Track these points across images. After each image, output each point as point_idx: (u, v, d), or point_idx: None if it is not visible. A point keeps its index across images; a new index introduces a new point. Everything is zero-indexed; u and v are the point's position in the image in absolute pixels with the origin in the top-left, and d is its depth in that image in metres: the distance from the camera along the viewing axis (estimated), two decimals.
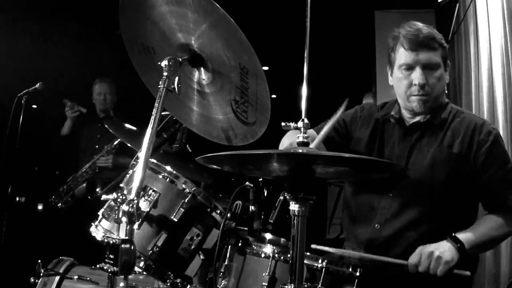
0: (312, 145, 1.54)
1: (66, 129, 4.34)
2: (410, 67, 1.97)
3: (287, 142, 2.02)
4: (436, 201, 1.95)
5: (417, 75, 1.94)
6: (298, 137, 1.41)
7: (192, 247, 1.83)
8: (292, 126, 1.45)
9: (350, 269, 1.78)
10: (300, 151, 1.32)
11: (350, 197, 2.17)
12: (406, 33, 1.95)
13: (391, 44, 2.03)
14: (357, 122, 2.20)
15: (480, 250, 2.02)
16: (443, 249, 1.81)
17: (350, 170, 1.52)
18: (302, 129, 1.40)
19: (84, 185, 3.99)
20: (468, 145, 1.96)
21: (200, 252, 1.86)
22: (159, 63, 1.61)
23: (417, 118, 2.05)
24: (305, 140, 1.39)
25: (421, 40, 1.92)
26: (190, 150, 2.08)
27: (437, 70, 1.96)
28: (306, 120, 1.40)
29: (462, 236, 1.86)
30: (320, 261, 1.80)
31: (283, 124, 1.51)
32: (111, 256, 1.34)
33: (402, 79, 2.00)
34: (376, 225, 2.02)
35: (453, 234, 1.86)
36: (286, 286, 1.38)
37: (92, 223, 1.85)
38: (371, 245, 2.01)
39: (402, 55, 1.97)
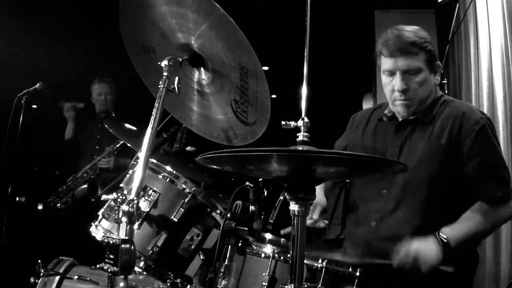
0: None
1: (69, 133, 4.33)
2: (391, 73, 1.99)
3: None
4: (429, 197, 1.95)
5: (396, 82, 1.97)
6: (298, 136, 1.41)
7: (192, 247, 1.83)
8: (292, 125, 1.45)
9: (350, 269, 1.78)
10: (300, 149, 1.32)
11: (347, 196, 2.20)
12: (385, 40, 1.97)
13: (376, 49, 2.06)
14: (352, 131, 2.27)
15: (467, 245, 1.98)
16: (428, 251, 1.82)
17: (350, 170, 1.52)
18: (302, 128, 1.39)
19: (84, 186, 3.99)
20: (457, 133, 1.96)
21: (200, 252, 1.86)
22: (159, 63, 1.61)
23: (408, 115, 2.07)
24: (305, 139, 1.39)
25: (398, 47, 1.94)
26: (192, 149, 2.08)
27: (418, 74, 1.96)
28: (306, 119, 1.40)
29: (448, 233, 1.85)
30: (320, 261, 1.80)
31: (283, 123, 1.51)
32: (111, 256, 1.33)
33: (386, 85, 2.04)
34: (372, 222, 2.03)
35: (439, 233, 1.86)
36: (286, 286, 1.37)
37: (92, 223, 1.85)
38: (368, 243, 2.02)
39: (384, 61, 2.00)
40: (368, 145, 2.14)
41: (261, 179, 1.96)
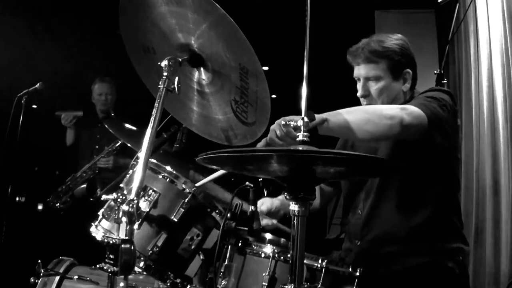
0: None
1: (70, 139, 4.32)
2: (358, 79, 2.09)
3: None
4: (404, 179, 1.96)
5: (358, 88, 2.08)
6: (298, 135, 1.41)
7: (192, 247, 1.82)
8: (292, 125, 1.45)
9: (350, 269, 1.78)
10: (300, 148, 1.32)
11: (343, 193, 2.26)
12: (352, 49, 2.07)
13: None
14: None
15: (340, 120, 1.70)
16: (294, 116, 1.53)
17: (351, 170, 1.52)
18: (302, 127, 1.39)
19: (83, 185, 3.99)
20: None
21: (200, 252, 1.86)
22: (159, 63, 1.61)
23: None
24: (305, 139, 1.39)
25: (358, 55, 2.04)
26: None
27: (379, 81, 2.03)
28: (306, 119, 1.40)
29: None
30: (320, 261, 1.80)
31: (283, 122, 1.51)
32: (111, 256, 1.34)
33: None
34: (359, 211, 2.08)
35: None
36: (286, 286, 1.37)
37: (92, 223, 1.85)
38: (359, 234, 2.05)
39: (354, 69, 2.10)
40: (362, 144, 2.17)
41: (261, 179, 1.95)
